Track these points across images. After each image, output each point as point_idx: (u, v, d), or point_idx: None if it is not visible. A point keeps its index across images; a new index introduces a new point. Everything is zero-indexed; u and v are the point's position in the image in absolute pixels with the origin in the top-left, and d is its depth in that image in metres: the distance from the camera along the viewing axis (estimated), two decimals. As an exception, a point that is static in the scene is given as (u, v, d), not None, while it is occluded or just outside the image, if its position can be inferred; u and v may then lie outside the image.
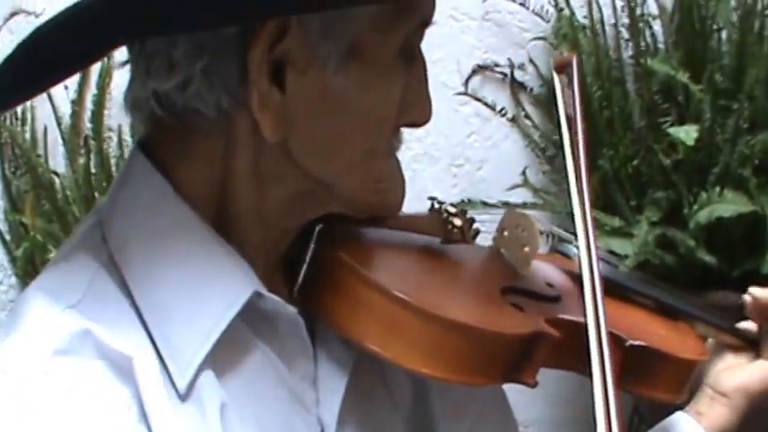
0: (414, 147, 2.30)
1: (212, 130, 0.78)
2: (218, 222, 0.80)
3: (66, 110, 2.10)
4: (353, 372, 0.85)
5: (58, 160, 2.11)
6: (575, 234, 0.96)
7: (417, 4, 0.80)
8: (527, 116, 2.23)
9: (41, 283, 0.80)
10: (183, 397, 0.76)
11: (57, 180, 2.05)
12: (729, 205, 1.90)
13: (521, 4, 2.26)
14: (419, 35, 0.83)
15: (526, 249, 0.95)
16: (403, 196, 0.87)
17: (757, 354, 1.06)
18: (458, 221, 0.92)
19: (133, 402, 0.74)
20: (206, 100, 0.76)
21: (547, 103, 2.27)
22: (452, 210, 0.94)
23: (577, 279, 0.97)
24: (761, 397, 1.04)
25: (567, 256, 1.05)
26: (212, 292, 0.78)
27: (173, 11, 0.70)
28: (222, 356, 0.78)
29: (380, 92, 0.80)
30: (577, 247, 0.97)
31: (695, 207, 1.95)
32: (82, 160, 2.06)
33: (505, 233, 0.97)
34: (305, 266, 0.83)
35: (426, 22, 0.82)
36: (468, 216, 0.94)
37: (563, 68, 1.04)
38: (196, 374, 0.76)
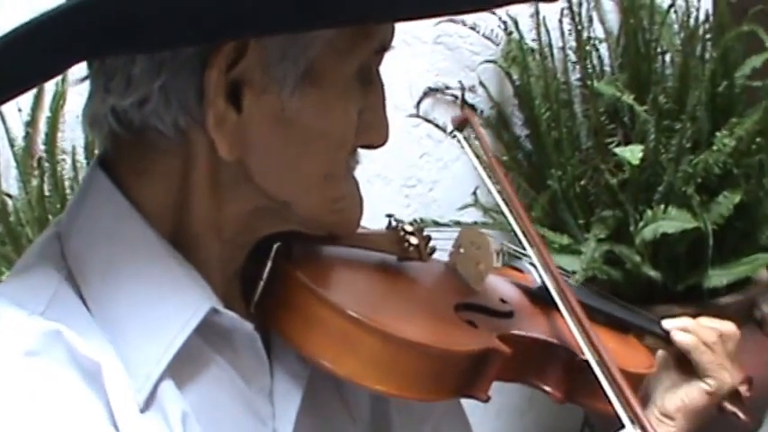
0: (367, 168, 2.28)
1: (170, 148, 0.78)
2: (175, 238, 0.80)
3: (19, 132, 2.10)
4: (309, 386, 0.86)
5: (10, 183, 2.10)
6: (524, 249, 0.98)
7: (375, 29, 0.80)
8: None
9: (4, 290, 0.80)
10: (143, 409, 0.76)
11: (9, 202, 2.05)
12: (674, 222, 1.95)
13: (471, 28, 2.30)
14: (377, 59, 0.83)
15: (481, 266, 0.96)
16: (360, 215, 0.87)
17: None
18: (414, 240, 0.93)
19: (102, 406, 0.74)
20: (163, 118, 0.76)
21: (497, 124, 2.31)
22: (409, 228, 0.94)
23: (530, 293, 1.00)
24: (703, 414, 1.07)
25: (520, 270, 1.07)
26: (169, 309, 0.78)
27: (134, 30, 0.70)
28: (180, 370, 0.78)
29: (337, 114, 0.79)
30: (532, 264, 0.99)
31: (641, 224, 1.99)
32: (35, 182, 2.05)
33: (461, 250, 0.98)
34: (262, 283, 0.84)
35: (384, 47, 0.82)
36: (424, 234, 0.95)
37: (463, 125, 1.08)
38: (155, 387, 0.76)
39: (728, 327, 1.09)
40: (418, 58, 2.32)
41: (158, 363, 0.77)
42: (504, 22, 2.27)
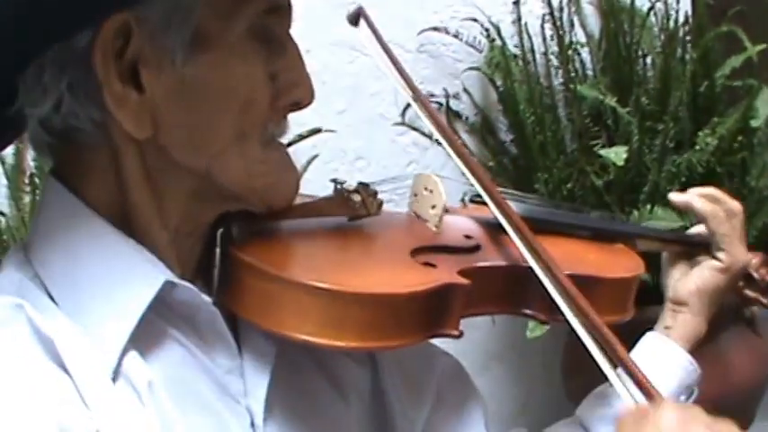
0: (355, 177, 2.34)
1: (96, 145, 0.82)
2: (127, 229, 0.84)
3: (8, 150, 2.10)
4: (281, 362, 0.88)
5: (1, 201, 2.11)
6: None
7: None
8: (463, 144, 2.28)
9: None
10: (113, 379, 0.80)
11: (1, 219, 2.05)
12: (660, 221, 1.96)
13: (454, 36, 2.32)
14: (279, 20, 0.85)
15: (435, 208, 1.00)
16: (294, 185, 0.90)
17: (709, 256, 1.11)
18: (357, 197, 0.95)
19: (66, 376, 0.78)
20: (79, 115, 0.80)
21: (482, 130, 2.33)
22: (351, 187, 0.97)
23: (496, 226, 1.00)
24: (716, 294, 1.09)
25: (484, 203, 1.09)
26: (125, 287, 0.82)
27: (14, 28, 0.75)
28: (144, 347, 0.82)
29: (237, 74, 0.82)
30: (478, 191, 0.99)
31: (628, 224, 2.01)
32: (27, 198, 2.06)
33: (416, 196, 1.02)
34: (216, 271, 0.87)
35: (278, 7, 0.85)
36: (370, 189, 0.97)
37: (357, 19, 1.09)
38: (119, 360, 0.80)
39: (735, 204, 1.11)
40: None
41: (120, 336, 0.80)
42: (487, 29, 2.29)
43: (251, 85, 0.83)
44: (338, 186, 0.96)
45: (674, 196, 1.12)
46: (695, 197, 1.10)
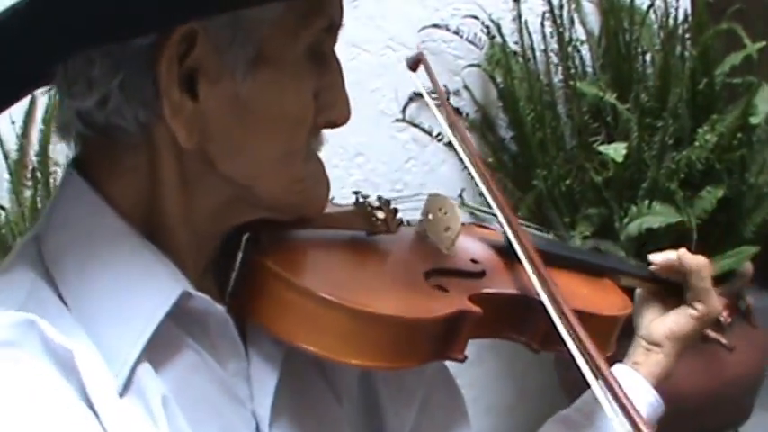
0: (354, 173, 2.35)
1: (135, 144, 0.81)
2: (149, 231, 0.83)
3: (12, 145, 2.12)
4: (289, 369, 0.88)
5: (2, 195, 2.12)
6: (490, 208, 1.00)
7: (322, 7, 0.82)
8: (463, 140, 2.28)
9: None
10: (122, 393, 0.78)
11: (2, 213, 2.06)
12: (658, 217, 1.98)
13: (455, 33, 2.33)
14: (330, 39, 0.85)
15: (449, 231, 0.99)
16: (326, 196, 0.89)
17: (681, 298, 1.14)
18: (381, 214, 0.95)
19: (77, 392, 0.76)
20: (125, 114, 0.79)
21: (482, 127, 2.34)
22: (375, 203, 0.97)
23: (500, 249, 1.02)
24: (689, 337, 1.13)
25: (488, 227, 1.10)
26: (142, 295, 0.80)
27: (85, 23, 0.73)
28: (157, 355, 0.81)
29: (290, 94, 0.81)
30: (499, 222, 1.00)
31: (626, 220, 2.02)
32: (28, 193, 2.07)
33: (429, 216, 1.01)
34: (234, 274, 0.86)
35: (334, 25, 0.84)
36: (391, 207, 0.97)
37: (417, 65, 1.11)
38: (132, 371, 0.78)
39: (705, 260, 1.14)
40: (403, 63, 2.34)
41: (134, 347, 0.78)
42: (487, 27, 2.30)
43: (302, 104, 0.82)
44: (361, 200, 0.97)
45: (656, 257, 1.15)
46: (682, 252, 1.13)
